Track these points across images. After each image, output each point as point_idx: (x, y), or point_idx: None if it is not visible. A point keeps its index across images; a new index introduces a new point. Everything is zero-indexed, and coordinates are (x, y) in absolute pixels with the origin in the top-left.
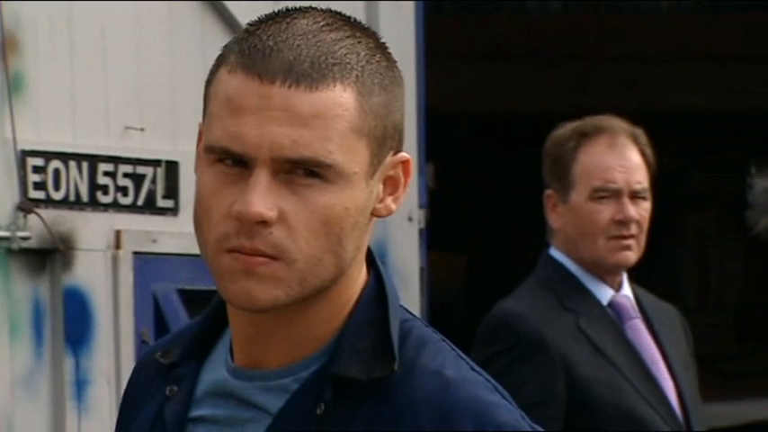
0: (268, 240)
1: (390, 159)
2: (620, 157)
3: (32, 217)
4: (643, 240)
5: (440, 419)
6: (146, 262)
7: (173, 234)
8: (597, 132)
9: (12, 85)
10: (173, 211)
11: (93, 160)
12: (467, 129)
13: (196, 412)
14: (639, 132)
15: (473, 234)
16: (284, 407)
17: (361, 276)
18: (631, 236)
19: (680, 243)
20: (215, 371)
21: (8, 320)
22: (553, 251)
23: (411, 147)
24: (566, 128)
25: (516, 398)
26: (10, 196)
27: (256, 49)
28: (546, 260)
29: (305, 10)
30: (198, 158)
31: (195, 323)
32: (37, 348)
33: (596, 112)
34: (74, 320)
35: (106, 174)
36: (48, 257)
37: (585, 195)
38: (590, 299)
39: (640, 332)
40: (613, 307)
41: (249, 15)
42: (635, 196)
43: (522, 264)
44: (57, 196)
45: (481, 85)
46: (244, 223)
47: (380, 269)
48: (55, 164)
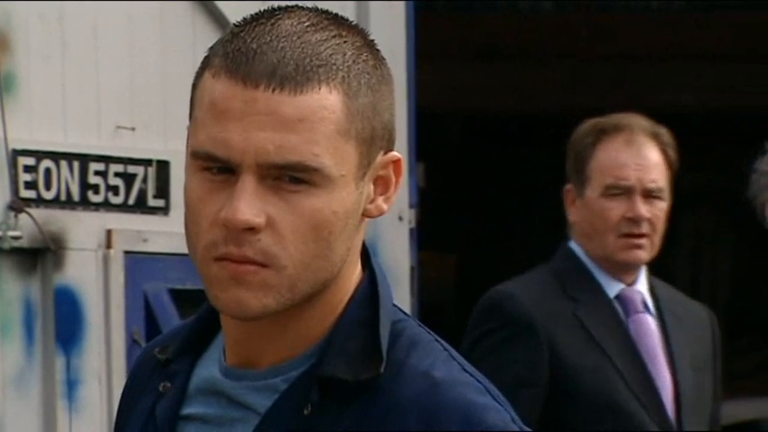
0: (256, 247)
1: (381, 159)
2: (635, 155)
3: (23, 216)
4: (657, 240)
5: (427, 420)
6: (137, 261)
7: (164, 233)
8: (616, 129)
9: (3, 85)
10: (164, 211)
11: (84, 160)
12: (458, 128)
13: (187, 410)
14: (663, 132)
15: (464, 233)
16: (272, 407)
17: (354, 276)
18: (643, 234)
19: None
20: (208, 369)
21: None
22: (572, 244)
23: (402, 146)
24: (588, 123)
25: (502, 376)
26: (1, 195)
27: (240, 53)
28: (563, 251)
29: (290, 10)
30: (187, 162)
31: (191, 320)
32: (28, 348)
33: (587, 111)
34: (65, 320)
35: (97, 173)
36: (39, 257)
37: (599, 191)
38: (596, 290)
39: (644, 327)
40: (620, 300)
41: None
42: (649, 195)
43: (513, 263)
44: (48, 195)
45: (472, 85)
46: (231, 230)
47: (375, 268)
48: (46, 163)
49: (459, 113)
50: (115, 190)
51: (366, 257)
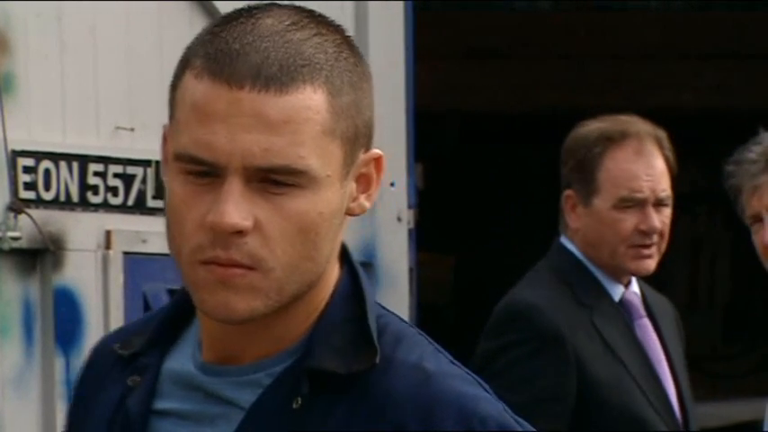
0: (243, 250)
1: (363, 157)
2: (646, 166)
3: (23, 217)
4: (663, 246)
5: (423, 415)
6: (136, 262)
7: (163, 234)
8: (624, 138)
9: (2, 85)
10: (163, 212)
11: (83, 160)
12: (456, 128)
13: (161, 405)
14: (663, 136)
15: (462, 234)
16: (257, 401)
17: (333, 273)
18: (653, 244)
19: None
20: (180, 362)
21: None
22: (565, 241)
23: (400, 146)
24: (590, 128)
25: (527, 390)
26: (0, 196)
27: (223, 53)
28: (558, 249)
29: (269, 8)
30: (165, 164)
31: (158, 313)
32: (27, 348)
33: (585, 111)
34: (64, 320)
35: (96, 174)
36: (38, 258)
37: (610, 203)
38: (603, 295)
39: (648, 332)
40: (624, 304)
41: None
42: (659, 204)
43: (512, 263)
44: (47, 196)
45: (471, 85)
46: (218, 234)
47: (354, 265)
48: (45, 164)
49: (457, 113)
50: (114, 191)
51: (344, 254)
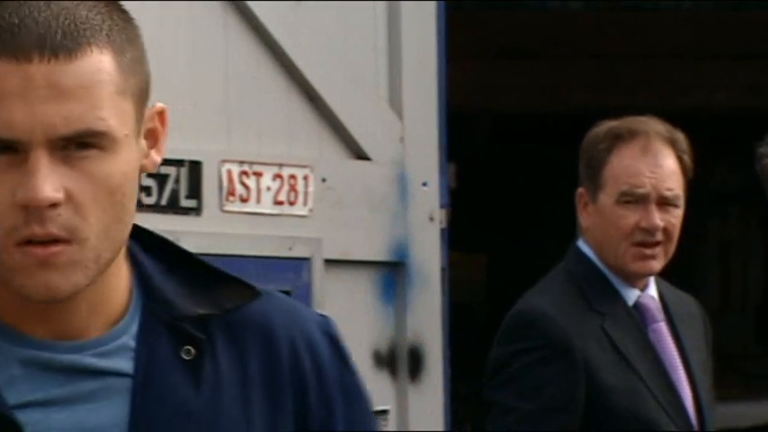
0: (58, 222)
1: (148, 112)
2: (651, 163)
3: None
4: (671, 248)
5: (299, 335)
6: None
7: (196, 234)
8: (632, 135)
9: None
10: (196, 211)
11: None
12: (488, 128)
13: (16, 398)
14: (680, 138)
15: (494, 234)
16: (144, 362)
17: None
18: (656, 243)
19: (702, 243)
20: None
21: None
22: (582, 245)
23: (432, 146)
24: (602, 126)
25: (535, 399)
26: None
27: (3, 30)
28: (574, 254)
29: None
30: None
31: None
32: None
33: (616, 111)
34: None
35: None
36: None
37: (613, 198)
38: (616, 300)
39: (663, 336)
40: (638, 309)
41: (272, 15)
42: (664, 203)
43: (544, 263)
44: None
45: (503, 85)
46: (32, 210)
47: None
48: None
49: (489, 113)
50: (147, 190)
51: None
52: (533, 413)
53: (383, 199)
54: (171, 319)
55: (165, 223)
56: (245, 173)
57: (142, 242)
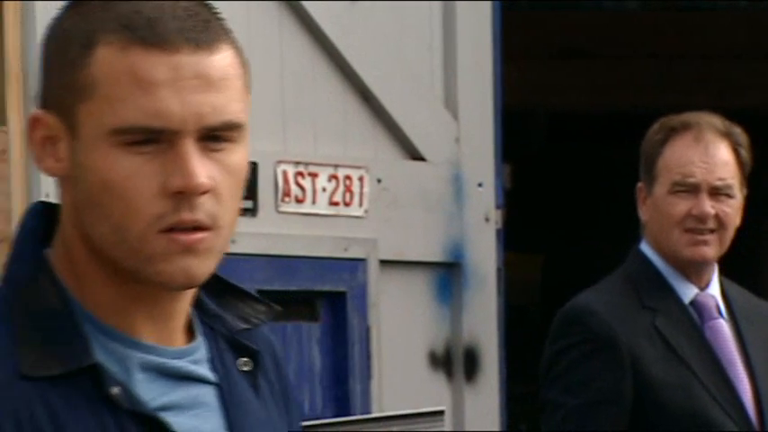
0: (204, 210)
1: None
2: (702, 153)
3: None
4: (726, 237)
5: (276, 348)
6: (225, 262)
7: (252, 234)
8: (685, 127)
9: None
10: (252, 212)
11: None
12: (544, 128)
13: (156, 401)
14: (737, 131)
15: (550, 234)
16: (223, 374)
17: None
18: (710, 230)
19: (758, 243)
20: (118, 353)
21: None
22: (643, 246)
23: (488, 147)
24: (659, 122)
25: (582, 394)
26: None
27: (143, 22)
28: (634, 255)
29: None
30: (42, 148)
31: (56, 316)
32: None
33: (674, 110)
34: None
35: None
36: None
37: (666, 189)
38: (671, 297)
39: (720, 333)
40: (695, 306)
41: (327, 15)
42: (716, 192)
43: (600, 263)
44: None
45: (558, 84)
46: (186, 197)
47: None
48: None
49: (544, 113)
50: None
51: None
52: (580, 408)
53: (438, 200)
54: (227, 332)
55: None
56: (300, 174)
57: None
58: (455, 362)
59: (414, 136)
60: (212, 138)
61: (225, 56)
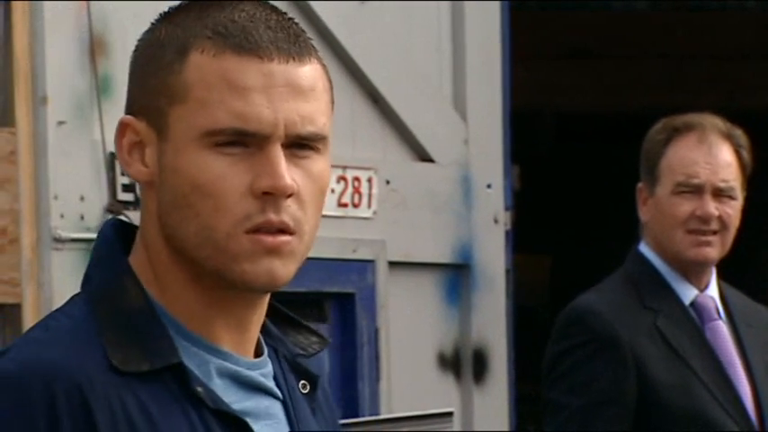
0: (289, 213)
1: None
2: (706, 154)
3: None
4: (728, 239)
5: (323, 380)
6: None
7: None
8: (688, 128)
9: (100, 87)
10: None
11: None
12: (552, 129)
13: (234, 405)
14: (738, 133)
15: (559, 235)
16: (287, 389)
17: None
18: (712, 232)
19: (763, 243)
20: (198, 357)
21: None
22: (642, 247)
23: (496, 148)
24: (661, 122)
25: (584, 394)
26: (99, 198)
27: (238, 30)
28: (633, 256)
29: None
30: (128, 153)
31: (142, 316)
32: None
33: (683, 110)
34: None
35: None
36: None
37: (669, 189)
38: (671, 298)
39: (720, 334)
40: (695, 307)
41: (335, 16)
42: (720, 194)
43: (608, 264)
44: None
45: (567, 85)
46: (274, 198)
47: None
48: None
49: (553, 114)
50: None
51: None
52: (583, 408)
53: (447, 201)
54: (288, 355)
55: None
56: None
57: None
58: (464, 363)
59: (422, 137)
60: (298, 145)
61: (314, 68)
